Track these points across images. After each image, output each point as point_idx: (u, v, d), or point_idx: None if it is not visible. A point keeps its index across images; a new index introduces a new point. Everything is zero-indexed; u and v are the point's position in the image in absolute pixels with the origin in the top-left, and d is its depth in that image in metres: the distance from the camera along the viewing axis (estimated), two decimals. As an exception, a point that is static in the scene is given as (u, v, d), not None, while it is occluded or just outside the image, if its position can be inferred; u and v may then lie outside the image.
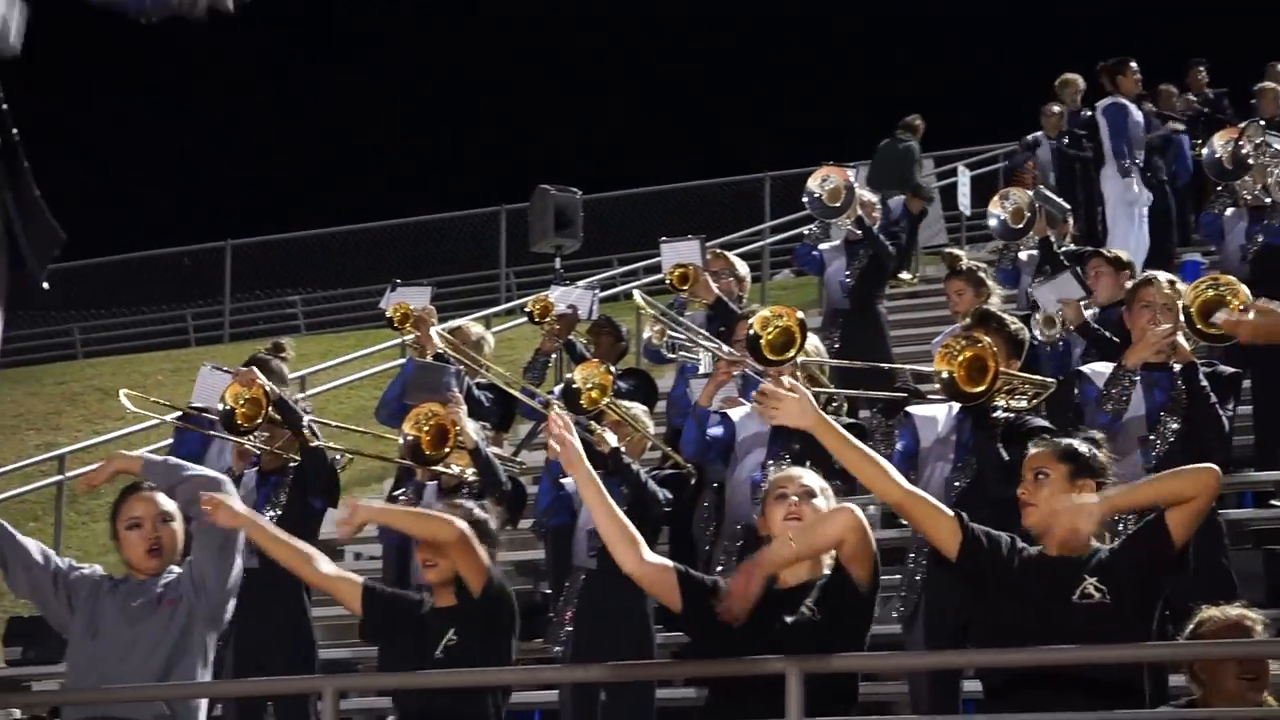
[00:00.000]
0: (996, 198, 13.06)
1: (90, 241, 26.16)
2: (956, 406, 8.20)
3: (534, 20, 35.41)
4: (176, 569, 6.79)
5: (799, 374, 8.60)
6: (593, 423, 9.54)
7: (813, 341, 9.24)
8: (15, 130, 3.67)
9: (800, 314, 8.76)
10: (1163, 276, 9.10)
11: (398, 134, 34.77)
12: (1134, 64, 17.40)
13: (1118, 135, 16.74)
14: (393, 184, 33.18)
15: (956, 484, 8.15)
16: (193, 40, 34.14)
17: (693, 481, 9.92)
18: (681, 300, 12.31)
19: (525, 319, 14.10)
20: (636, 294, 11.55)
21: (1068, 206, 13.78)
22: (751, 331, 8.71)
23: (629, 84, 34.72)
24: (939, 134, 22.12)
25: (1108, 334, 10.29)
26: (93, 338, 29.07)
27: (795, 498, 6.13)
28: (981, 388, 7.90)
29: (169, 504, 6.80)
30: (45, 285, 3.71)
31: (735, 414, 9.24)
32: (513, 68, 35.07)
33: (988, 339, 8.04)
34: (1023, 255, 12.92)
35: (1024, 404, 8.31)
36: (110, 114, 32.58)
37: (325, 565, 6.86)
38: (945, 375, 7.94)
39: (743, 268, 12.67)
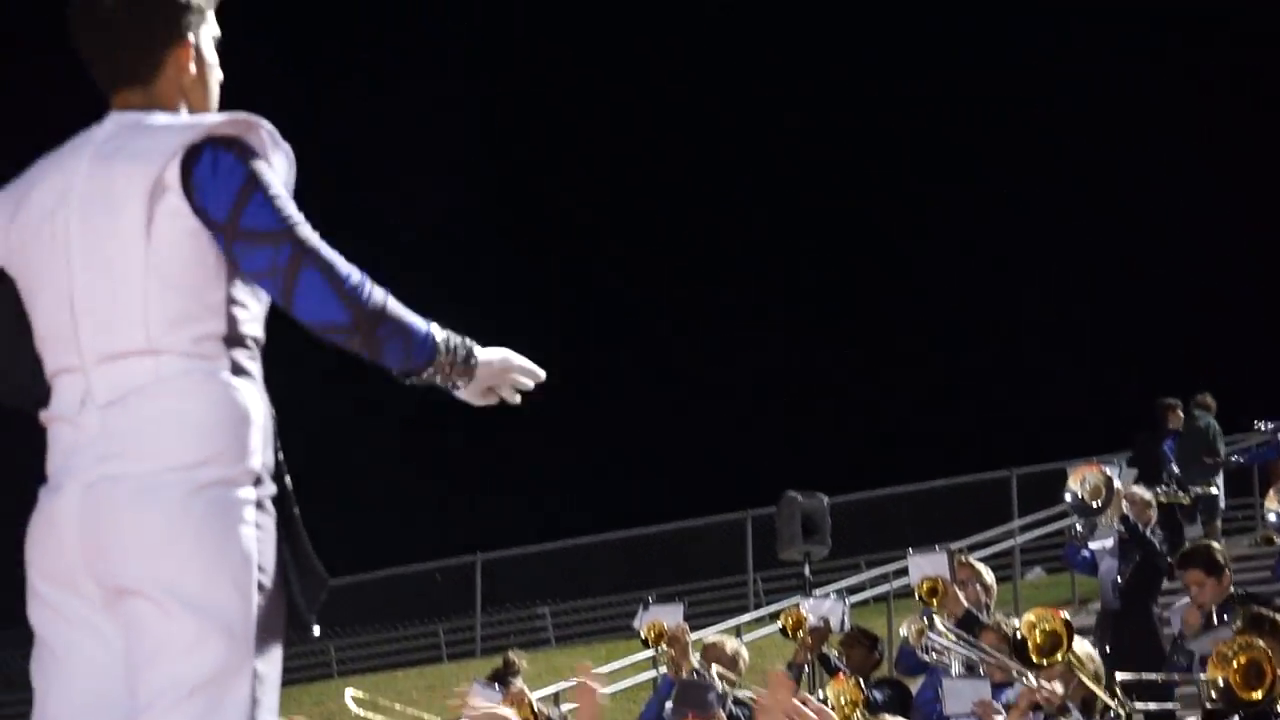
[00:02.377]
0: (1273, 492, 12.83)
1: (343, 560, 26.67)
2: None
3: (772, 332, 35.86)
4: None
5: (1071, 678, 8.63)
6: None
7: (1084, 647, 9.16)
8: (289, 478, 3.80)
9: (1065, 615, 8.78)
10: None
11: (641, 440, 35.14)
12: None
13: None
14: (638, 492, 33.49)
15: None
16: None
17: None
18: (930, 612, 12.22)
19: (774, 626, 14.09)
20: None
21: None
22: (1019, 635, 8.72)
23: (871, 389, 34.85)
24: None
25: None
26: (348, 655, 29.42)
27: None
28: (1259, 693, 7.71)
29: None
30: (315, 630, 3.80)
31: None
32: (755, 376, 35.46)
33: (1262, 642, 7.86)
34: None
35: None
36: (354, 450, 33.35)
37: None
38: (1221, 682, 7.77)
39: (988, 575, 12.57)
